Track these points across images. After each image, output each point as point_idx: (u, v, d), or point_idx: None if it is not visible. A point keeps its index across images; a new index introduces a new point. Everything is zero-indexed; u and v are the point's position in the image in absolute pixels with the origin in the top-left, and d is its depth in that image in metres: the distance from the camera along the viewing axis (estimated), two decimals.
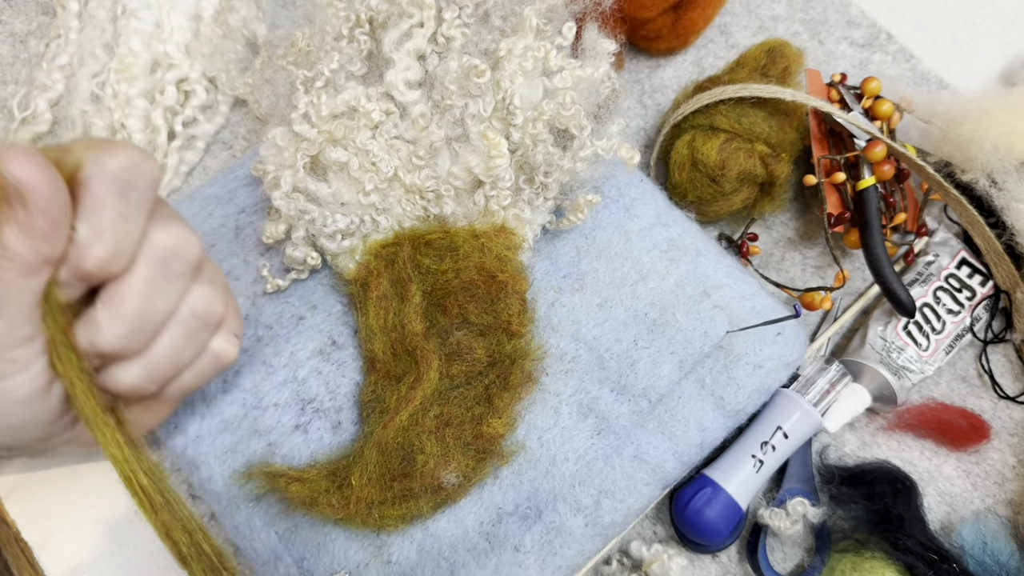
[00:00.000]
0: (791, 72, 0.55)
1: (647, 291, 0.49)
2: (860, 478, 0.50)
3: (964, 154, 0.54)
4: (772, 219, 0.59)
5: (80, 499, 0.50)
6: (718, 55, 0.64)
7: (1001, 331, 0.56)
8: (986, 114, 0.52)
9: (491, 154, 0.46)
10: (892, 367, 0.52)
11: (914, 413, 0.53)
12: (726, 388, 0.48)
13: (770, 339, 0.48)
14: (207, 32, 0.58)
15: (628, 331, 0.49)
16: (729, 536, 0.50)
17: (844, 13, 0.66)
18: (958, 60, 0.66)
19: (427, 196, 0.48)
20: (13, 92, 0.59)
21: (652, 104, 0.63)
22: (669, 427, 0.47)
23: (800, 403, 0.50)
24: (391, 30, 0.47)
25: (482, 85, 0.46)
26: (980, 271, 0.56)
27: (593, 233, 0.51)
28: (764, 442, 0.49)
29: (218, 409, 0.47)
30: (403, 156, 0.48)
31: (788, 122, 0.55)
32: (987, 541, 0.48)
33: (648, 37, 0.61)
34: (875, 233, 0.52)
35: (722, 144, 0.53)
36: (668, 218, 0.52)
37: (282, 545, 0.45)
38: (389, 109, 0.48)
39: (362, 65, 0.48)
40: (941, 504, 0.53)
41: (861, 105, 0.56)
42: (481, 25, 0.49)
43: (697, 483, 0.49)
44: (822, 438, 0.54)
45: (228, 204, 0.52)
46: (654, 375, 0.48)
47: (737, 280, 0.50)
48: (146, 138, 0.57)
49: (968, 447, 0.53)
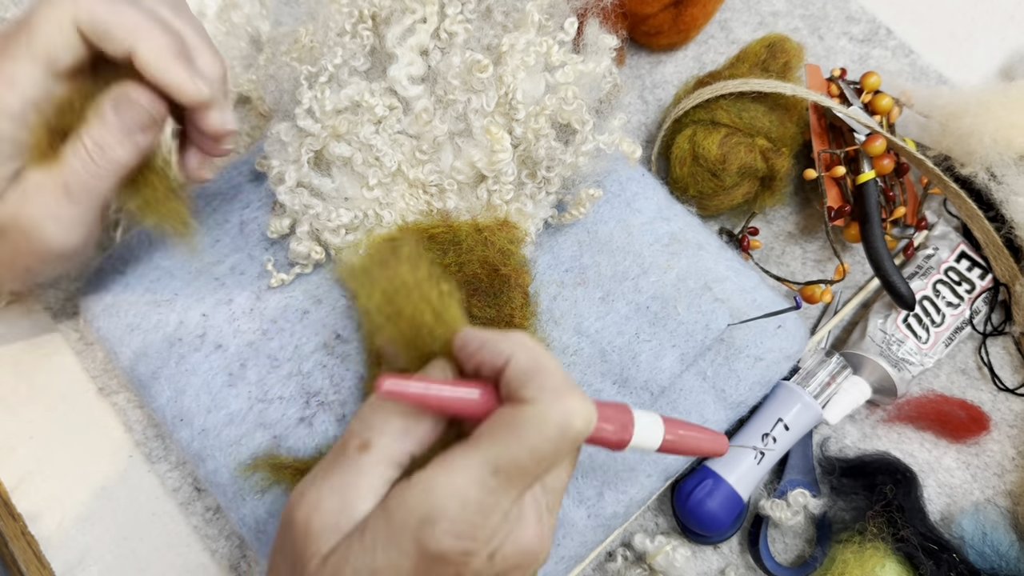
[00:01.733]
0: (791, 67, 0.56)
1: (649, 284, 0.50)
2: (860, 469, 0.51)
3: (963, 148, 0.54)
4: (772, 213, 0.60)
5: (86, 493, 0.50)
6: (719, 51, 0.65)
7: (1000, 324, 0.56)
8: (985, 108, 0.53)
9: (494, 149, 0.46)
10: (892, 359, 0.52)
11: (914, 405, 0.54)
12: (727, 380, 0.48)
13: (771, 332, 0.49)
14: (211, 29, 0.58)
15: (630, 324, 0.49)
16: (731, 527, 0.50)
17: (844, 9, 0.66)
18: (957, 55, 0.66)
19: (430, 191, 0.49)
20: None
21: (653, 99, 0.63)
22: None
23: (801, 395, 0.50)
24: (394, 25, 0.48)
25: (484, 80, 0.47)
26: (979, 264, 0.56)
27: (595, 227, 0.51)
28: (765, 434, 0.50)
29: (224, 402, 0.47)
30: (406, 151, 0.48)
31: (788, 117, 0.55)
32: (987, 531, 0.49)
33: (649, 33, 0.61)
34: (875, 227, 0.52)
35: (723, 139, 0.53)
36: (669, 212, 0.52)
37: None
38: (392, 104, 0.48)
39: (365, 60, 0.49)
40: (941, 495, 0.53)
41: (861, 100, 0.56)
42: (483, 20, 0.49)
43: (699, 475, 0.49)
44: (823, 430, 0.54)
45: (232, 200, 0.52)
46: (656, 368, 0.48)
47: (738, 273, 0.50)
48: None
49: (968, 439, 0.54)
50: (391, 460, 0.32)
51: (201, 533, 0.50)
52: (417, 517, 0.30)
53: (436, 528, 0.29)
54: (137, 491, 0.51)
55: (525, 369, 0.31)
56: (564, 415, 0.30)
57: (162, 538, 0.50)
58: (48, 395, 0.52)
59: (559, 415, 0.30)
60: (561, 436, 0.30)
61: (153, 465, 0.51)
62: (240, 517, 0.46)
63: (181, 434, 0.47)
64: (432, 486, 0.30)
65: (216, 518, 0.50)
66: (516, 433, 0.30)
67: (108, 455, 0.51)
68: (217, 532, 0.50)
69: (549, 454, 0.30)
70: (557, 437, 0.30)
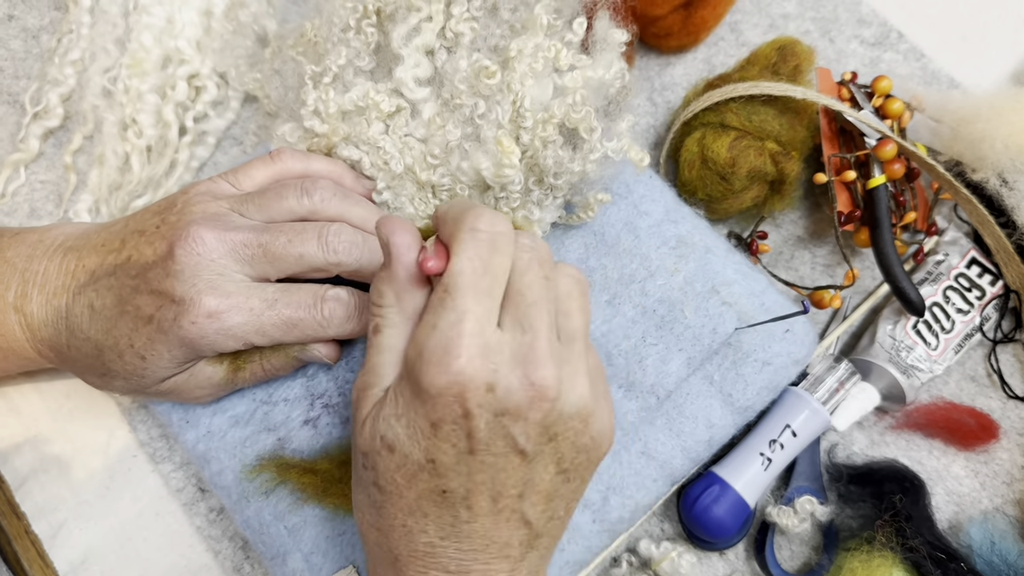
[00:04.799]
0: (802, 70, 0.55)
1: (656, 288, 0.49)
2: (868, 477, 0.50)
3: (975, 153, 0.53)
4: (782, 217, 0.59)
5: (90, 492, 0.50)
6: (728, 53, 0.64)
7: (1011, 331, 0.56)
8: (997, 113, 0.52)
9: (503, 162, 0.45)
10: (901, 366, 0.52)
11: (923, 412, 0.53)
12: (734, 385, 0.48)
13: (779, 336, 0.48)
14: (218, 28, 0.58)
15: (636, 328, 0.49)
16: (737, 534, 0.50)
17: (855, 12, 0.66)
18: (969, 59, 0.65)
19: (440, 194, 0.48)
20: (26, 87, 0.59)
21: (662, 102, 0.63)
22: (677, 424, 0.47)
23: (809, 401, 0.50)
24: (399, 24, 0.47)
25: (492, 86, 0.46)
26: (990, 271, 0.56)
27: (602, 230, 0.51)
28: (773, 440, 0.49)
29: (229, 405, 0.47)
30: (416, 155, 0.48)
31: (799, 120, 0.54)
32: (995, 540, 0.48)
33: (659, 35, 0.61)
34: (885, 232, 0.52)
35: (732, 142, 0.53)
36: (677, 215, 0.52)
37: (291, 540, 0.45)
38: (400, 105, 0.48)
39: (370, 60, 0.48)
40: (949, 503, 0.53)
41: (872, 104, 0.56)
42: (490, 18, 0.49)
43: (705, 480, 0.49)
44: (830, 436, 0.54)
45: None
46: (662, 372, 0.48)
47: (746, 277, 0.50)
48: (157, 133, 0.57)
49: (977, 446, 0.53)
50: (401, 335, 0.37)
51: (204, 534, 0.50)
52: (410, 362, 0.34)
53: (422, 363, 0.33)
54: (141, 491, 0.50)
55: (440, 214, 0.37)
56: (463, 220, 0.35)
57: (165, 538, 0.50)
58: (52, 394, 0.52)
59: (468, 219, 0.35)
60: (474, 240, 0.34)
61: (157, 465, 0.51)
62: (244, 519, 0.46)
63: (187, 436, 0.47)
64: (416, 333, 0.35)
65: (220, 519, 0.50)
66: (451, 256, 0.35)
67: (112, 455, 0.51)
68: (220, 533, 0.50)
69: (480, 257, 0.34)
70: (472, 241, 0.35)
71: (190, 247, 0.41)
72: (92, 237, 0.45)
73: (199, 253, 0.41)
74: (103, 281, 0.42)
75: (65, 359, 0.44)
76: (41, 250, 0.45)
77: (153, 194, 0.57)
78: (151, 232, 0.43)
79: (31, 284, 0.44)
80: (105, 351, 0.42)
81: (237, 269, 0.42)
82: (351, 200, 0.45)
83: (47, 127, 0.58)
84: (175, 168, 0.57)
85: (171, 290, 0.40)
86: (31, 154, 0.57)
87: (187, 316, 0.40)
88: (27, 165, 0.58)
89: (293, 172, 0.47)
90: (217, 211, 0.43)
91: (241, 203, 0.44)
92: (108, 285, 0.42)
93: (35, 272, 0.44)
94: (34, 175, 0.58)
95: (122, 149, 0.56)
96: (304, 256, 0.42)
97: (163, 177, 0.57)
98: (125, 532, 0.49)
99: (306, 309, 0.42)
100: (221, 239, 0.41)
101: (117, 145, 0.56)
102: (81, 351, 0.43)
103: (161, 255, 0.41)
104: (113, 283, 0.42)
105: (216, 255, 0.41)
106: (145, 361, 0.42)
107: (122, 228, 0.44)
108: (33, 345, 0.44)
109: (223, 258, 0.41)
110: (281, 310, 0.42)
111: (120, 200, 0.56)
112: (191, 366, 0.43)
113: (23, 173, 0.57)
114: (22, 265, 0.44)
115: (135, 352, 0.42)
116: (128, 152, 0.56)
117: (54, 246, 0.45)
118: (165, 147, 0.57)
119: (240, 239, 0.42)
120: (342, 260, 0.43)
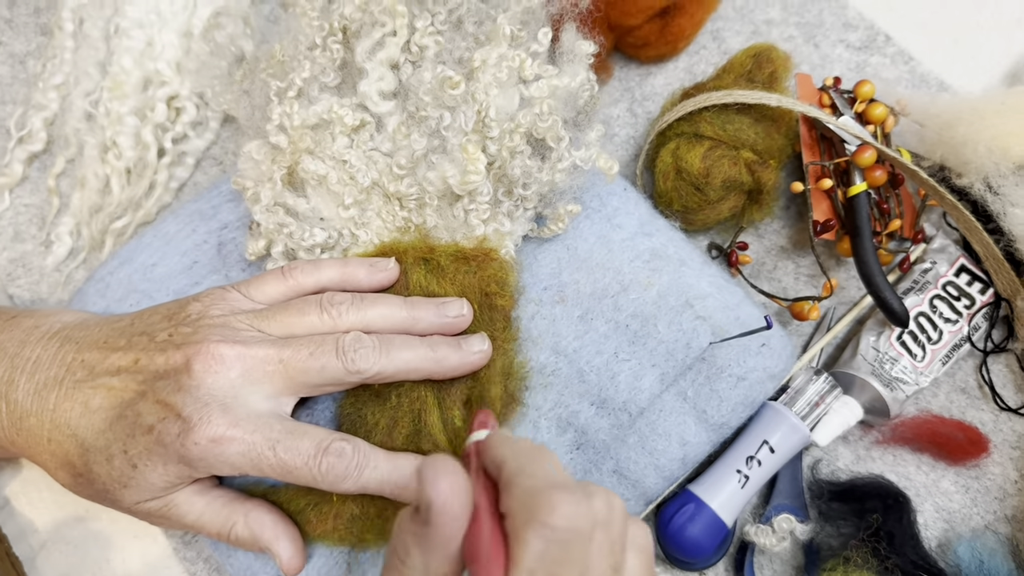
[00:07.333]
0: (778, 77, 0.54)
1: (628, 302, 0.48)
2: (850, 493, 0.49)
3: (958, 158, 0.52)
4: (764, 227, 0.58)
5: (68, 514, 0.50)
6: (710, 61, 0.63)
7: (1002, 340, 0.54)
8: (979, 116, 0.51)
9: (468, 169, 0.45)
10: (884, 379, 0.50)
11: (909, 426, 0.51)
12: (709, 401, 0.47)
13: (754, 350, 0.47)
14: (195, 49, 0.59)
15: (609, 343, 0.48)
16: (714, 554, 0.48)
17: (841, 15, 0.65)
18: (960, 61, 0.64)
19: (408, 205, 0.48)
20: (11, 112, 0.60)
21: (643, 112, 0.62)
22: (650, 441, 0.46)
23: (787, 416, 0.48)
24: (364, 39, 0.47)
25: (457, 97, 0.46)
26: (980, 278, 0.54)
27: (575, 244, 0.50)
28: (750, 456, 0.48)
29: None
30: (381, 168, 0.48)
31: (776, 128, 0.53)
32: (984, 559, 0.46)
33: (636, 45, 0.60)
34: (865, 240, 0.50)
35: (706, 152, 0.52)
36: (651, 227, 0.51)
37: (258, 563, 0.45)
38: (364, 119, 0.48)
39: (335, 75, 0.48)
40: (939, 520, 0.51)
41: (854, 109, 0.55)
42: (455, 32, 0.48)
43: (680, 499, 0.48)
44: (814, 452, 0.52)
45: (211, 220, 0.52)
46: (635, 388, 0.47)
47: (721, 290, 0.49)
48: (136, 155, 0.57)
49: (966, 461, 0.51)
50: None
51: (180, 555, 0.50)
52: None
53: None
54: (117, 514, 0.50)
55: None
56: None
57: (143, 560, 0.50)
58: None
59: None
60: (542, 540, 0.29)
61: None
62: (213, 541, 0.45)
63: None
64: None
65: (195, 540, 0.50)
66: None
67: None
68: (196, 555, 0.50)
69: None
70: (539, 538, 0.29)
71: (208, 364, 0.39)
72: (92, 330, 0.43)
73: (216, 371, 0.39)
74: (103, 380, 0.41)
75: (37, 452, 0.42)
76: (36, 336, 0.43)
77: (133, 215, 0.57)
78: (163, 339, 0.41)
79: (19, 371, 0.42)
80: (92, 452, 0.40)
81: (252, 391, 0.40)
82: (366, 303, 0.44)
83: (31, 151, 0.59)
84: (154, 189, 0.58)
85: (179, 405, 0.39)
86: (15, 178, 0.58)
87: (191, 436, 0.38)
88: (12, 189, 0.58)
89: (306, 288, 0.45)
90: (237, 326, 0.42)
91: (259, 319, 0.43)
92: (109, 386, 0.41)
93: (26, 359, 0.42)
94: (19, 199, 0.58)
95: (103, 171, 0.57)
96: (326, 368, 0.41)
97: (143, 198, 0.58)
98: (103, 553, 0.50)
99: (304, 459, 0.39)
100: (241, 356, 0.40)
101: (98, 168, 0.57)
102: (62, 447, 0.41)
103: (175, 366, 0.40)
104: (115, 384, 0.41)
105: (234, 374, 0.40)
106: (136, 470, 0.40)
107: (127, 326, 0.43)
108: (7, 435, 0.43)
109: (239, 378, 0.40)
110: (281, 455, 0.39)
111: (100, 222, 0.56)
112: (174, 493, 0.42)
113: (7, 197, 0.58)
114: (13, 351, 0.43)
115: (127, 459, 0.40)
116: (108, 174, 0.57)
117: (50, 333, 0.44)
118: (144, 168, 0.57)
119: (261, 355, 0.40)
120: (360, 367, 0.41)
